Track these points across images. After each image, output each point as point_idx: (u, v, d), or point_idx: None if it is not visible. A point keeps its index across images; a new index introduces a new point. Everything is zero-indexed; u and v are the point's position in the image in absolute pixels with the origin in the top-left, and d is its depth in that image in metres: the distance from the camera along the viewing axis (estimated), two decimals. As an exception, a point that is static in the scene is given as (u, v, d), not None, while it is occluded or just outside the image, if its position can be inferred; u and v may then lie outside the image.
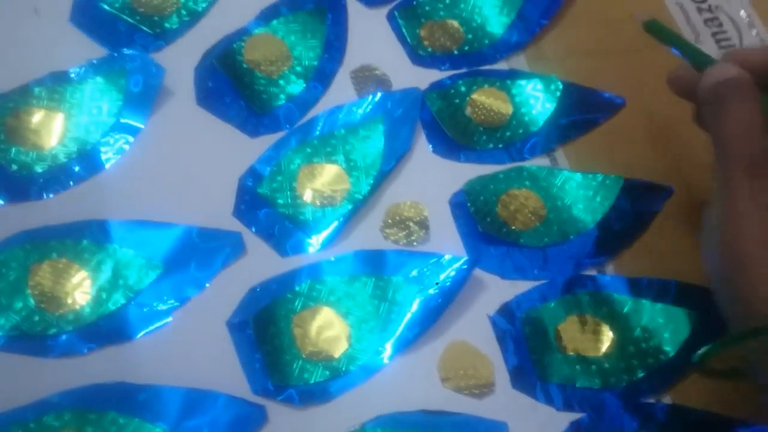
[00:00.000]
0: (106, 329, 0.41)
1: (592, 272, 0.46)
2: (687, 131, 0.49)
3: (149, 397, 0.39)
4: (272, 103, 0.50)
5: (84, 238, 0.43)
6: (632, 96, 0.53)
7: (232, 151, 0.48)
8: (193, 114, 0.49)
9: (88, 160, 0.46)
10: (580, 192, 0.48)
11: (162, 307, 0.42)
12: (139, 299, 0.42)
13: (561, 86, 0.52)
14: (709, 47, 0.56)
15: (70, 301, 0.41)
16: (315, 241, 0.46)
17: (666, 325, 0.44)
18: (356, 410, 0.41)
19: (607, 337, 0.44)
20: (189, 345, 0.42)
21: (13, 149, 0.45)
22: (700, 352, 0.35)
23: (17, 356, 0.40)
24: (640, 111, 0.53)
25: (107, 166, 0.46)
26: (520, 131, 0.51)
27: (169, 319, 0.42)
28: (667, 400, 0.42)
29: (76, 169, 0.45)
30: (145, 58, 0.49)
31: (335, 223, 0.46)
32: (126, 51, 0.49)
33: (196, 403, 0.39)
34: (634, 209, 0.48)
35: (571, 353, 0.43)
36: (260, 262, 0.45)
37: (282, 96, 0.51)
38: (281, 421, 0.40)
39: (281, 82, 0.51)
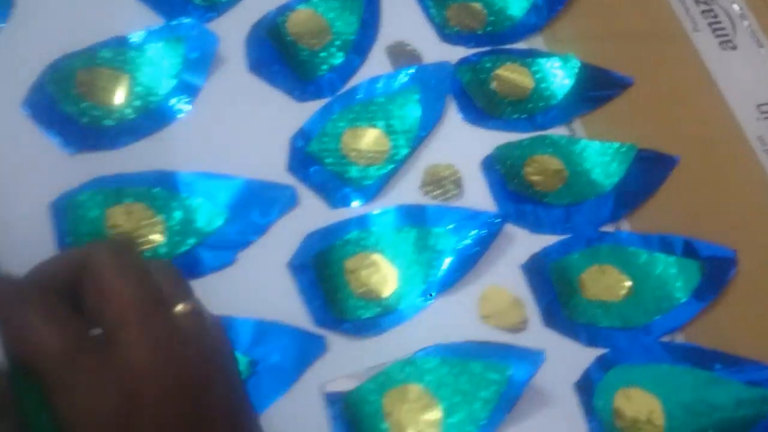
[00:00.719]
0: (180, 267, 0.44)
1: (610, 229, 0.51)
2: (688, 107, 0.55)
3: (224, 325, 0.43)
4: (315, 73, 0.55)
5: (156, 186, 0.46)
6: (640, 75, 0.58)
7: (282, 114, 0.52)
8: (246, 79, 0.53)
9: (154, 116, 0.49)
10: (598, 158, 0.53)
11: (228, 249, 0.46)
12: (207, 241, 0.46)
13: (578, 64, 0.57)
14: (706, 37, 0.62)
15: (145, 241, 0.45)
16: (361, 196, 0.50)
17: (678, 275, 0.49)
18: (405, 342, 0.45)
19: (625, 285, 0.49)
20: (253, 283, 0.46)
21: (84, 103, 0.49)
22: None
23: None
24: (646, 89, 0.58)
25: (171, 122, 0.50)
26: (541, 104, 0.56)
27: (235, 259, 0.46)
28: (680, 338, 0.47)
29: (144, 124, 0.49)
30: (201, 27, 0.53)
31: (378, 180, 0.50)
32: (184, 20, 0.52)
33: (265, 333, 0.43)
34: (644, 175, 0.53)
35: (594, 298, 0.48)
36: (312, 213, 0.49)
37: (324, 66, 0.55)
38: (340, 349, 0.44)
39: (323, 54, 0.55)
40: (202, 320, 0.29)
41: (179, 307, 0.28)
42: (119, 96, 0.50)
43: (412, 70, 0.55)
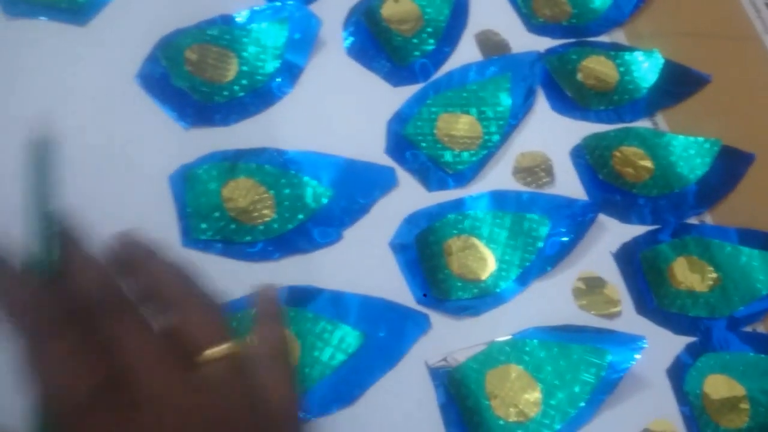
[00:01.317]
0: (292, 241, 0.46)
1: (694, 221, 0.53)
2: (762, 106, 0.57)
3: (334, 298, 0.45)
4: (409, 58, 0.56)
5: (266, 163, 0.48)
6: (715, 73, 0.60)
7: (378, 97, 0.54)
8: (344, 61, 0.54)
9: (260, 95, 0.51)
10: (683, 152, 0.55)
11: (334, 226, 0.47)
12: (315, 218, 0.47)
13: (662, 60, 0.58)
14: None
15: (258, 216, 0.47)
16: (456, 180, 0.51)
17: (760, 267, 0.50)
18: (504, 324, 0.47)
19: (712, 276, 0.50)
20: (357, 260, 0.47)
21: (195, 79, 0.50)
22: None
23: (221, 258, 0.45)
24: (722, 87, 0.59)
25: (276, 102, 0.51)
26: (626, 96, 0.58)
27: (341, 236, 0.47)
28: (761, 329, 0.49)
29: (252, 102, 0.51)
30: (305, 9, 0.54)
31: (472, 165, 0.52)
32: (288, 1, 0.54)
33: (373, 307, 0.45)
34: (725, 170, 0.55)
35: (683, 288, 0.50)
36: (410, 195, 0.51)
37: (417, 52, 0.56)
38: (442, 327, 0.46)
39: (415, 40, 0.57)
40: (238, 370, 0.28)
41: (209, 353, 0.28)
42: (228, 74, 0.51)
43: (501, 59, 0.56)
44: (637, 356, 0.44)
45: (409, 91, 0.55)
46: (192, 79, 0.50)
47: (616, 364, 0.44)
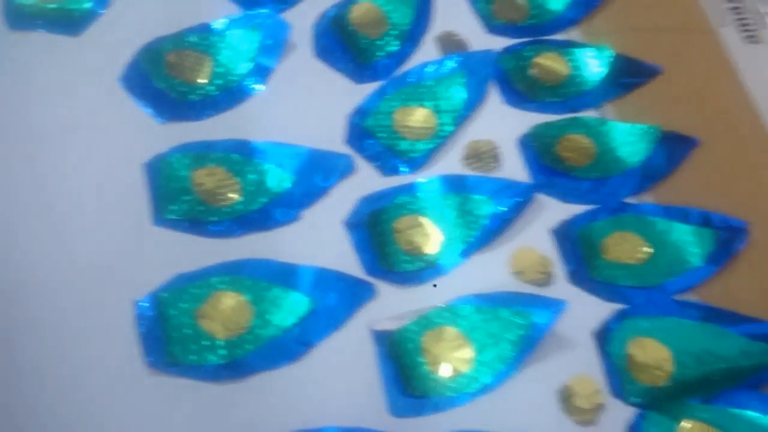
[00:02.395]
0: (254, 220, 0.52)
1: (633, 200, 0.57)
2: (711, 95, 0.60)
3: (289, 270, 0.50)
4: (373, 59, 0.62)
5: (234, 152, 0.54)
6: (668, 65, 0.64)
7: (342, 94, 0.59)
8: (312, 63, 0.60)
9: (233, 93, 0.57)
10: (625, 138, 0.59)
11: (294, 208, 0.53)
12: (277, 200, 0.53)
13: (612, 54, 0.63)
14: (732, 32, 0.67)
15: (224, 198, 0.53)
16: (409, 166, 0.57)
17: (693, 242, 0.54)
18: (444, 292, 0.52)
19: (644, 249, 0.54)
20: (315, 237, 0.53)
21: (174, 80, 0.57)
22: None
23: (187, 235, 0.51)
24: (674, 78, 0.63)
25: (247, 99, 0.58)
26: (575, 89, 0.62)
27: (300, 216, 0.53)
28: (692, 297, 0.53)
29: (224, 100, 0.57)
30: (275, 16, 0.60)
31: (425, 153, 0.57)
32: (260, 10, 0.60)
33: (324, 277, 0.51)
34: (667, 154, 0.59)
35: (614, 260, 0.54)
36: (366, 180, 0.56)
37: (380, 53, 0.62)
38: (387, 296, 0.51)
39: (380, 42, 0.63)
40: None
41: None
42: (203, 75, 0.58)
43: (459, 57, 0.61)
44: (557, 317, 0.48)
45: (371, 88, 0.60)
46: (170, 80, 0.57)
47: (538, 325, 0.49)
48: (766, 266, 0.55)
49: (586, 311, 0.52)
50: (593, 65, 0.62)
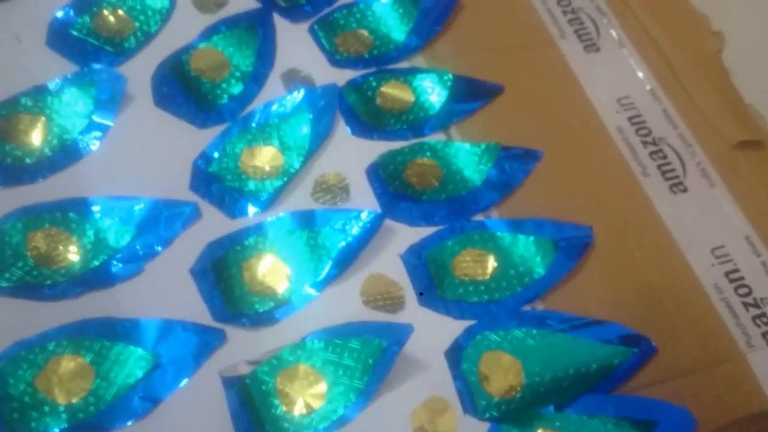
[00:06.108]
0: (92, 279, 0.51)
1: (480, 218, 0.58)
2: (555, 106, 0.62)
3: (130, 326, 0.49)
4: (217, 102, 0.62)
5: (70, 211, 0.53)
6: (510, 82, 0.66)
7: (185, 140, 0.59)
8: (152, 113, 0.60)
9: (68, 152, 0.56)
10: (468, 158, 0.60)
11: (136, 261, 0.52)
12: (117, 256, 0.52)
13: (451, 78, 0.64)
14: (572, 43, 0.69)
15: (61, 259, 0.52)
16: (258, 206, 0.57)
17: (537, 252, 0.56)
18: (297, 329, 0.52)
19: (491, 264, 0.55)
20: (160, 288, 0.52)
21: (7, 146, 0.56)
22: None
23: (23, 301, 0.50)
24: (516, 94, 0.65)
25: (85, 156, 0.57)
26: (421, 114, 0.63)
27: (143, 269, 0.52)
28: (539, 306, 0.54)
29: (60, 159, 0.56)
30: (110, 70, 0.60)
31: (273, 191, 0.57)
32: (94, 66, 0.60)
33: (169, 329, 0.50)
34: (511, 169, 0.60)
35: (464, 278, 0.55)
36: (213, 225, 0.56)
37: (225, 96, 0.62)
38: (237, 340, 0.51)
39: (223, 85, 0.63)
40: None
41: None
42: (37, 137, 0.57)
43: (302, 93, 0.62)
44: (405, 342, 0.49)
45: (216, 131, 0.60)
46: (3, 147, 0.56)
47: (388, 351, 0.49)
48: (610, 269, 0.56)
49: (438, 332, 0.52)
50: (435, 90, 0.64)
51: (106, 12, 0.63)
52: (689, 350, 0.53)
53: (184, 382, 0.49)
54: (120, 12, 0.63)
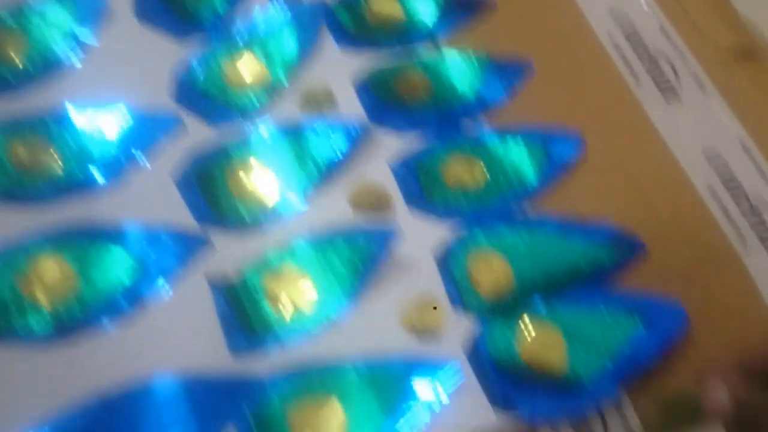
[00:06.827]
0: (75, 187, 0.51)
1: (470, 127, 0.57)
2: (543, 22, 0.61)
3: (114, 230, 0.49)
4: (199, 12, 0.60)
5: (51, 121, 0.53)
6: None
7: (168, 52, 0.58)
8: (134, 25, 0.59)
9: (50, 66, 0.55)
10: (459, 69, 0.59)
11: (119, 170, 0.52)
12: (100, 165, 0.52)
13: (440, -10, 0.63)
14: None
15: (44, 169, 0.51)
16: (243, 117, 0.56)
17: (527, 158, 0.55)
18: (285, 236, 0.51)
19: (481, 170, 0.55)
20: (143, 198, 0.51)
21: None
22: None
23: (4, 209, 0.49)
24: (509, 12, 0.64)
25: (66, 70, 0.56)
26: (412, 29, 0.62)
27: (126, 179, 0.52)
28: (530, 210, 0.53)
29: (41, 74, 0.55)
30: (90, -14, 0.58)
31: (259, 103, 0.56)
32: (74, -20, 0.58)
33: (153, 233, 0.49)
34: (502, 82, 0.59)
35: (454, 184, 0.54)
36: (197, 136, 0.55)
37: (207, 6, 0.61)
38: (224, 246, 0.50)
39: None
40: None
41: None
42: (17, 52, 0.56)
43: (288, 7, 0.61)
44: (392, 241, 0.48)
45: (199, 43, 0.59)
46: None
47: (375, 251, 0.48)
48: (602, 174, 0.55)
49: (427, 236, 0.51)
50: (425, 5, 0.62)
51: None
52: (682, 253, 0.52)
53: (170, 286, 0.48)
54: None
